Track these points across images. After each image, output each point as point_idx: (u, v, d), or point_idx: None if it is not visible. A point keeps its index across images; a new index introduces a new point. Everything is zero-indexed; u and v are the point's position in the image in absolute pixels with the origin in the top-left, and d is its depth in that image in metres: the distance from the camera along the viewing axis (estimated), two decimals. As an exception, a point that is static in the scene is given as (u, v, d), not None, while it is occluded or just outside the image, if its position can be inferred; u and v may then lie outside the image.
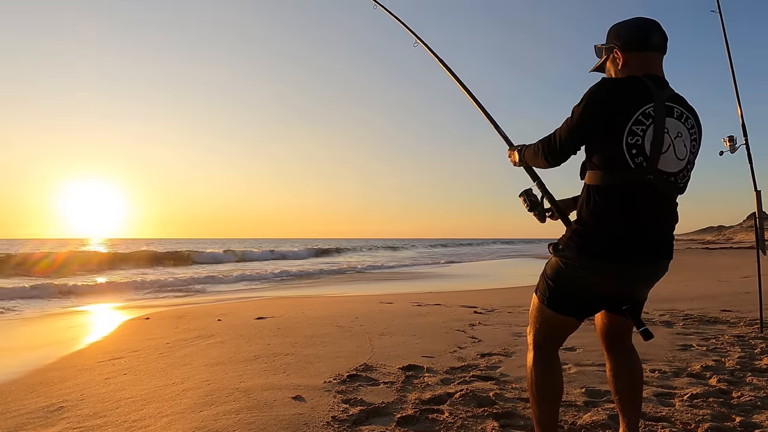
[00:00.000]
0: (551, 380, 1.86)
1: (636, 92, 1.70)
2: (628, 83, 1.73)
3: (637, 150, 1.68)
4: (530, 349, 1.93)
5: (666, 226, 1.81)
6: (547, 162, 1.92)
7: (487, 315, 6.11)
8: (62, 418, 2.66)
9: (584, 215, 1.78)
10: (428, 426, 2.41)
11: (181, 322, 5.88)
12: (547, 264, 1.89)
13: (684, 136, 1.74)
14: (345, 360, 3.69)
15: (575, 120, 1.77)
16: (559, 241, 1.85)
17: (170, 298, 10.63)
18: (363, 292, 11.52)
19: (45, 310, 8.50)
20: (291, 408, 2.63)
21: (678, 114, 1.74)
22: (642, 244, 1.73)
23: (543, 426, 1.87)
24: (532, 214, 2.09)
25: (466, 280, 15.14)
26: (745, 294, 7.73)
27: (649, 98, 1.70)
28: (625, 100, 1.69)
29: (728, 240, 60.25)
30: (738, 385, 2.99)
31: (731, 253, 26.03)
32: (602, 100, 1.71)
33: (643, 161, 1.68)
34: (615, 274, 1.74)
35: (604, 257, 1.72)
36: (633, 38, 1.78)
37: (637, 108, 1.68)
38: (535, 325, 1.91)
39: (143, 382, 3.29)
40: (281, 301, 8.98)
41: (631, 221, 1.71)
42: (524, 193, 2.11)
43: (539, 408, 1.87)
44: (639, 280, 1.80)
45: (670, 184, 1.74)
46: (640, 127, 1.67)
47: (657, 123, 1.69)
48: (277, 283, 14.74)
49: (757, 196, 4.36)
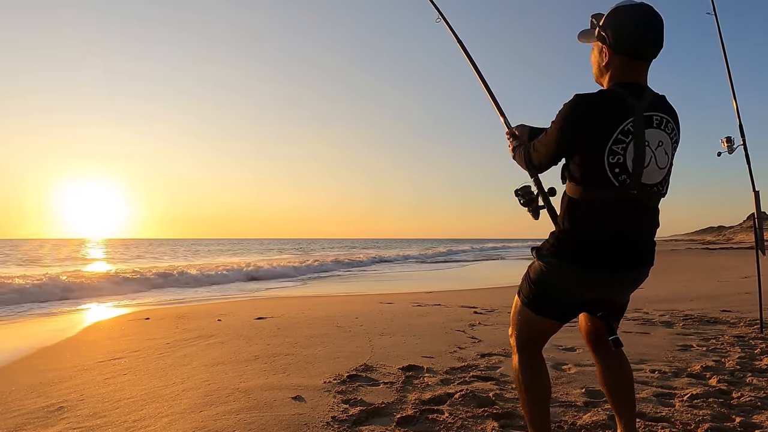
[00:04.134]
0: (538, 381, 1.88)
1: (613, 110, 1.65)
2: (605, 101, 1.68)
3: (619, 168, 1.66)
4: (514, 351, 1.95)
5: (647, 233, 1.81)
6: (528, 170, 1.98)
7: (487, 315, 6.11)
8: (62, 418, 2.66)
9: (567, 224, 1.78)
10: (428, 426, 2.41)
11: (181, 323, 5.88)
12: (530, 267, 1.90)
13: (665, 144, 1.72)
14: (345, 360, 3.69)
15: (551, 139, 1.76)
16: (542, 245, 1.86)
17: (171, 299, 10.62)
18: (363, 292, 11.52)
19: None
20: (291, 408, 2.63)
21: (657, 122, 1.70)
22: (624, 252, 1.74)
23: (535, 426, 1.89)
24: (527, 209, 2.10)
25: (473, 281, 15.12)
26: (745, 294, 7.73)
27: (628, 113, 1.65)
28: (602, 120, 1.65)
29: (728, 240, 60.24)
30: (738, 385, 2.99)
31: (731, 254, 26.02)
32: (578, 120, 1.68)
33: (627, 179, 1.66)
34: (596, 281, 1.75)
35: (586, 265, 1.73)
36: (625, 43, 1.70)
37: (615, 126, 1.64)
38: (517, 327, 1.93)
39: (143, 382, 3.29)
40: (281, 302, 8.97)
41: (613, 231, 1.72)
42: (521, 189, 2.10)
43: (530, 409, 1.89)
44: (619, 286, 1.81)
45: (653, 194, 1.75)
46: (620, 146, 1.64)
47: (637, 138, 1.65)
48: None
49: (755, 197, 4.36)
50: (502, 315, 6.13)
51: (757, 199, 4.37)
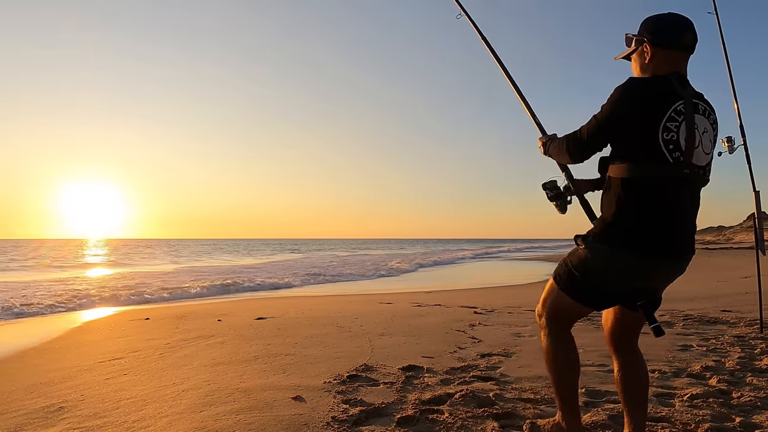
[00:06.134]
0: (568, 358, 1.95)
1: (665, 90, 1.73)
2: (656, 82, 1.76)
3: (673, 146, 1.71)
4: (545, 333, 1.98)
5: (693, 219, 1.84)
6: (571, 157, 1.94)
7: (488, 315, 6.11)
8: (62, 418, 2.66)
9: (616, 211, 1.78)
10: (428, 426, 2.41)
11: (182, 323, 5.88)
12: (572, 253, 1.91)
13: (708, 132, 1.79)
14: (345, 360, 3.69)
15: (605, 115, 1.78)
16: (589, 232, 1.86)
17: (169, 300, 10.62)
18: (363, 291, 11.52)
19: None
20: (291, 408, 2.63)
21: (702, 110, 1.78)
22: (671, 239, 1.77)
23: (566, 402, 1.94)
24: (554, 204, 2.12)
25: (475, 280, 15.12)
26: (745, 294, 7.74)
27: (678, 96, 1.73)
28: (657, 98, 1.72)
29: (728, 240, 60.26)
30: (738, 385, 2.99)
31: (731, 254, 26.03)
32: (633, 96, 1.73)
33: (680, 156, 1.72)
34: (643, 268, 1.78)
35: (637, 250, 1.74)
36: (664, 34, 1.79)
37: (669, 105, 1.71)
38: (550, 308, 1.96)
39: (143, 382, 3.29)
40: (281, 302, 8.97)
41: (664, 218, 1.75)
42: (548, 184, 2.13)
43: (560, 385, 1.94)
44: (664, 273, 1.84)
45: (700, 177, 1.80)
46: (673, 124, 1.71)
47: (688, 119, 1.72)
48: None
49: (755, 197, 4.36)
50: (502, 315, 6.13)
51: (757, 199, 4.37)
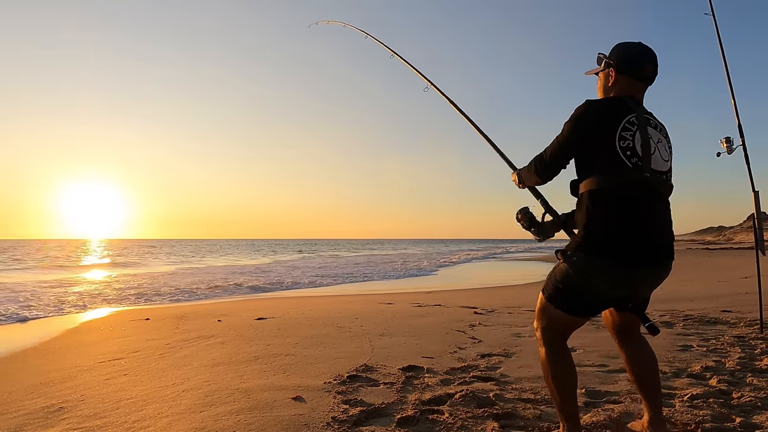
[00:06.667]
0: (566, 371, 2.00)
1: (619, 107, 1.94)
2: (612, 101, 1.97)
3: (630, 152, 1.87)
4: (541, 345, 2.05)
5: (666, 225, 1.95)
6: (540, 177, 2.10)
7: (488, 316, 6.11)
8: (62, 418, 2.66)
9: (587, 222, 1.90)
10: (428, 426, 2.41)
11: (182, 323, 5.88)
12: (556, 268, 1.99)
13: (663, 142, 1.98)
14: (345, 360, 3.69)
15: (565, 136, 1.96)
16: (567, 247, 1.96)
17: (169, 300, 10.62)
18: (363, 291, 11.52)
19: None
20: (291, 408, 2.64)
21: (654, 124, 1.98)
22: (647, 245, 1.85)
23: (566, 413, 1.99)
24: (530, 231, 2.20)
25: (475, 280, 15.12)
26: (745, 294, 7.74)
27: (630, 109, 1.94)
28: (611, 113, 1.91)
29: (728, 240, 60.27)
30: (738, 385, 2.99)
31: (731, 254, 26.03)
32: (590, 115, 1.92)
33: (638, 161, 1.87)
34: (623, 278, 1.86)
35: (612, 262, 1.83)
36: (629, 64, 2.00)
37: (622, 117, 1.90)
38: (543, 323, 2.03)
39: (143, 382, 3.30)
40: (281, 302, 8.97)
41: (635, 223, 1.84)
42: (521, 212, 2.23)
43: (559, 397, 2.00)
44: (645, 281, 1.92)
45: (663, 182, 1.93)
46: (628, 132, 1.88)
47: (642, 128, 1.91)
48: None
49: (755, 197, 4.36)
50: (502, 315, 6.13)
51: (757, 200, 4.37)
